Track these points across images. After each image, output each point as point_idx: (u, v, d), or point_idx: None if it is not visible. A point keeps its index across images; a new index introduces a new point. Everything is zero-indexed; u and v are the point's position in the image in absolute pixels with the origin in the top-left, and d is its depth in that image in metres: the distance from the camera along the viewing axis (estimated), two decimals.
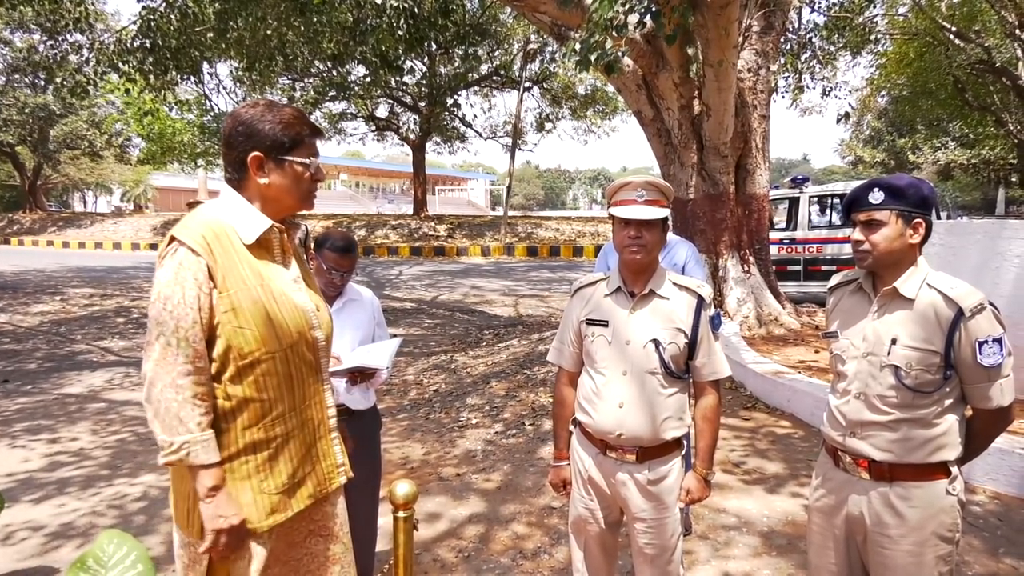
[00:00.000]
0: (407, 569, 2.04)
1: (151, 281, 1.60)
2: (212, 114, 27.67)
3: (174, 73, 12.38)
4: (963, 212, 45.56)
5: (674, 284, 2.26)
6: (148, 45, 10.65)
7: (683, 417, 2.25)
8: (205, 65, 18.55)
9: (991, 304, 1.89)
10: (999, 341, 1.85)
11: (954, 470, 1.94)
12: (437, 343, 9.00)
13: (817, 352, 6.64)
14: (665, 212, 2.19)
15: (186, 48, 11.19)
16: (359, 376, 2.72)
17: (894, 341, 1.93)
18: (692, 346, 2.21)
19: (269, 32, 11.01)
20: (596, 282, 2.37)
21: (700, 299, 2.23)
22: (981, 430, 1.98)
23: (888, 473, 1.95)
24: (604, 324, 2.25)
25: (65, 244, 29.18)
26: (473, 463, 4.77)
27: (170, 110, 25.89)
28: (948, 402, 1.92)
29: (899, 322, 1.94)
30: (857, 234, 1.97)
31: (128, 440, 5.37)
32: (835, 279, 2.23)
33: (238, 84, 24.58)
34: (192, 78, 19.40)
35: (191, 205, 8.77)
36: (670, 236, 2.69)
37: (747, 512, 3.88)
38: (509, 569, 3.40)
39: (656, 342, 2.17)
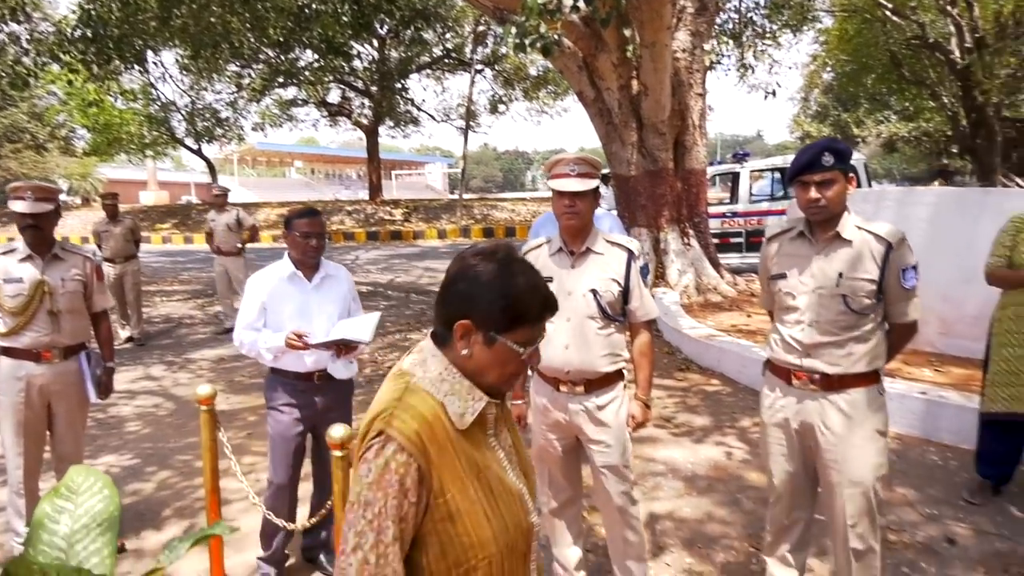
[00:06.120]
0: (346, 503, 2.29)
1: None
2: (159, 103, 27.25)
3: (117, 62, 12.27)
4: (909, 183, 46.90)
5: (607, 241, 2.62)
6: (89, 35, 10.54)
7: (620, 353, 2.61)
8: (150, 54, 18.34)
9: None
10: (915, 267, 2.33)
11: (881, 375, 2.42)
12: (393, 324, 9.20)
13: (749, 316, 7.04)
14: (595, 183, 2.53)
15: (129, 37, 11.10)
16: (343, 348, 2.97)
17: (840, 275, 2.34)
18: (626, 293, 2.57)
19: (213, 20, 11.00)
20: (540, 245, 2.72)
21: (630, 253, 2.60)
22: (898, 340, 2.47)
23: (837, 383, 2.37)
24: (549, 280, 2.55)
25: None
26: None
27: (115, 100, 25.43)
28: (878, 320, 2.37)
29: (842, 259, 2.35)
30: (814, 193, 2.31)
31: (88, 426, 5.49)
32: (773, 229, 2.61)
33: (185, 72, 24.28)
34: (137, 67, 19.16)
35: (217, 197, 8.72)
36: (597, 211, 2.97)
37: (674, 460, 4.22)
38: None
39: (594, 291, 2.52)
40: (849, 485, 2.35)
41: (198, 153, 29.34)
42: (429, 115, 30.87)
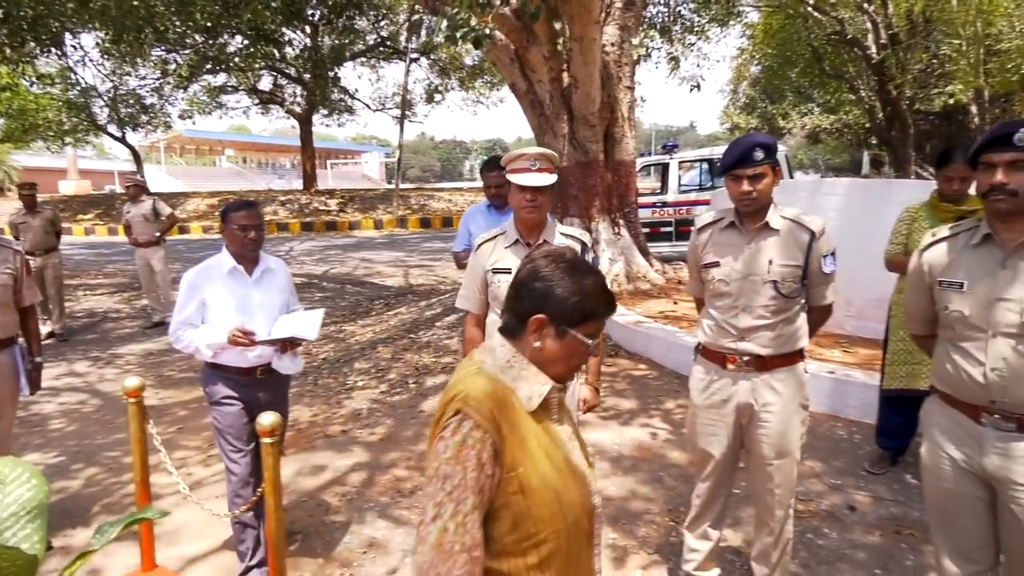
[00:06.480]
0: (276, 489, 2.35)
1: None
2: (79, 88, 26.06)
3: (32, 45, 11.74)
4: (833, 173, 48.72)
5: (561, 234, 2.74)
6: (1, 15, 10.06)
7: None
8: (68, 36, 17.54)
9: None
10: (833, 254, 2.52)
11: (805, 353, 2.64)
12: (328, 316, 9.15)
13: (676, 303, 7.30)
14: (554, 178, 2.65)
15: (45, 18, 10.63)
16: (288, 345, 3.00)
17: (770, 262, 2.49)
18: None
19: (136, 2, 10.63)
20: (496, 237, 2.81)
21: (583, 244, 2.75)
22: (817, 321, 2.69)
23: (769, 363, 2.54)
24: (507, 271, 2.68)
25: None
26: (359, 420, 5.08)
27: (31, 84, 24.20)
28: (802, 302, 2.56)
29: (771, 247, 2.51)
30: (747, 186, 2.43)
31: None
32: (704, 219, 2.74)
33: (106, 56, 23.28)
34: (54, 50, 18.29)
35: (129, 188, 8.53)
36: None
37: (602, 442, 4.40)
38: (387, 506, 3.77)
39: None
40: (778, 457, 2.57)
41: (122, 141, 28.22)
42: (364, 104, 30.64)
